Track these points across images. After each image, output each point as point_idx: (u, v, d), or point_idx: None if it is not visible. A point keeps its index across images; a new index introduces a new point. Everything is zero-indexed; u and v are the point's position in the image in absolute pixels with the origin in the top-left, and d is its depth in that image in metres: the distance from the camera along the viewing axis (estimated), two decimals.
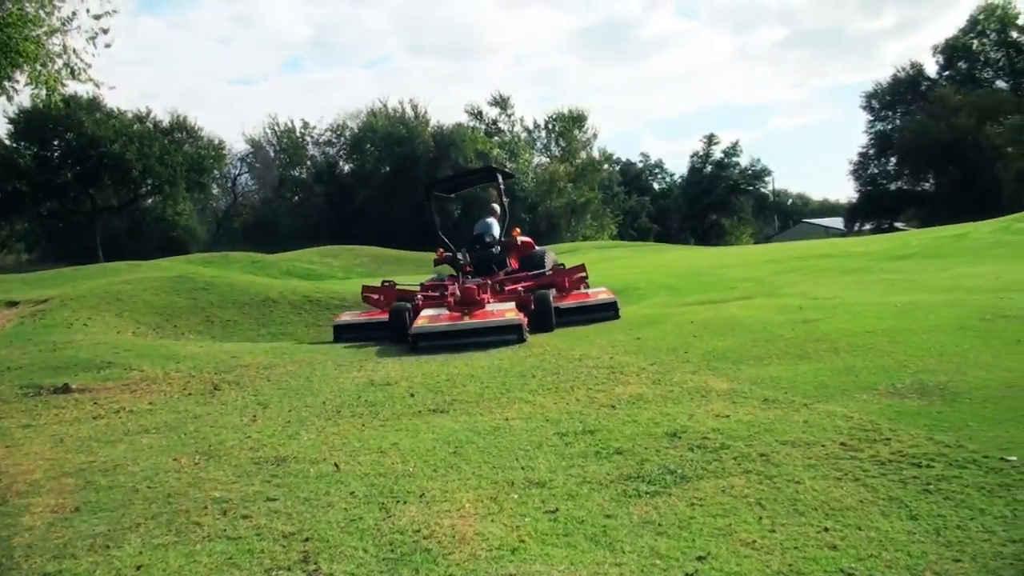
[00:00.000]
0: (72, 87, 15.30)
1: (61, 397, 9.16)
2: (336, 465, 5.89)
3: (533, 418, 6.87)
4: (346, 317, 13.50)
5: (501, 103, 73.78)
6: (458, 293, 11.90)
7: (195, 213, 62.57)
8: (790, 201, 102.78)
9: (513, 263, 14.72)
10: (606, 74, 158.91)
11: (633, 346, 9.71)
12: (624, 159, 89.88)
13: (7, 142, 50.62)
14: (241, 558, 4.42)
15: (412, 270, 27.47)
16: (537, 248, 15.33)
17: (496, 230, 15.21)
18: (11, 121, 48.46)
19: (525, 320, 11.33)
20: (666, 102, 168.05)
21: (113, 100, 58.40)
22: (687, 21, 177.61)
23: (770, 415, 6.30)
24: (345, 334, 13.03)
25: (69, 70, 14.59)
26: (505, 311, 11.36)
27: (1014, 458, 4.92)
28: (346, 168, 67.07)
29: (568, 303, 12.78)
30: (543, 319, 11.91)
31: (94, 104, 49.43)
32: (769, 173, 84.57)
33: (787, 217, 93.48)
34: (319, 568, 4.22)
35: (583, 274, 13.51)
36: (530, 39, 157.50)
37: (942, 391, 6.56)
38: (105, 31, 14.67)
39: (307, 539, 4.59)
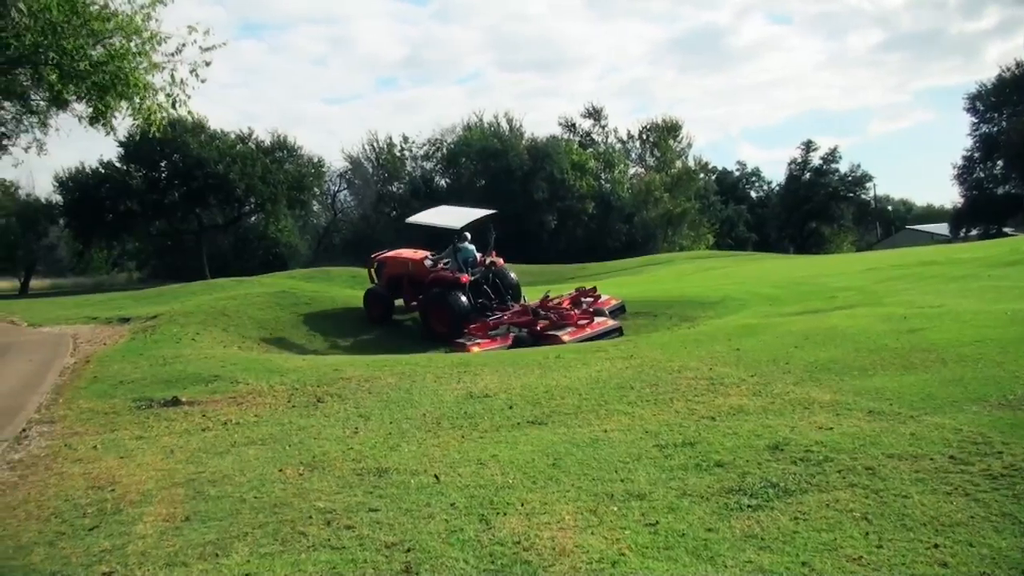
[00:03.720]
0: (175, 113, 15.74)
1: (171, 410, 9.47)
2: (436, 477, 5.97)
3: (632, 430, 6.85)
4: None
5: (595, 114, 73.65)
6: (552, 318, 16.29)
7: (296, 230, 63.51)
8: (892, 207, 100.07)
9: None
10: (698, 83, 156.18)
11: (732, 357, 9.60)
12: (720, 168, 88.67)
13: (118, 164, 52.40)
14: (345, 568, 4.51)
15: None
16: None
17: (477, 254, 19.47)
18: (121, 144, 50.22)
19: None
20: (761, 110, 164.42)
21: (216, 122, 59.98)
22: (780, 27, 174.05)
23: (875, 427, 6.17)
24: None
25: (171, 101, 15.05)
26: (606, 321, 16.16)
27: None
28: (443, 182, 67.55)
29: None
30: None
31: (198, 127, 50.69)
32: (870, 179, 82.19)
33: (889, 224, 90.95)
34: None
35: (597, 293, 18.55)
36: (619, 51, 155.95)
37: None
38: (208, 63, 15.10)
39: (409, 549, 4.66)
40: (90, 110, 14.94)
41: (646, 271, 33.98)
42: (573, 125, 73.22)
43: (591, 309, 17.00)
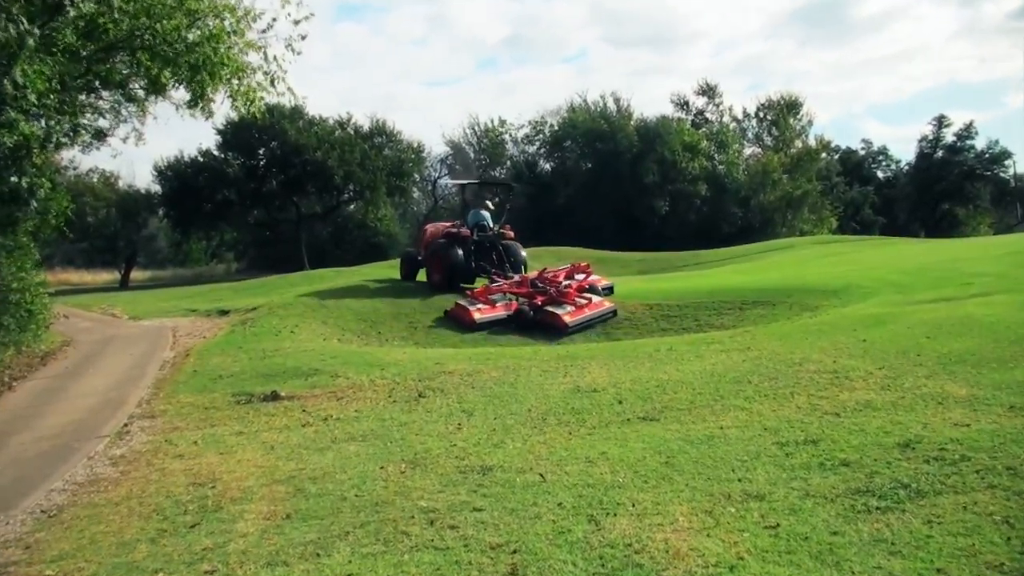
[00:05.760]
0: (272, 97, 15.85)
1: (271, 405, 9.56)
2: (542, 475, 5.84)
3: (750, 426, 6.62)
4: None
5: (709, 92, 71.70)
6: (551, 292, 17.54)
7: (396, 218, 62.76)
8: None
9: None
10: (819, 57, 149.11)
11: (858, 348, 9.22)
12: (844, 147, 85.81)
13: (216, 152, 52.75)
14: (449, 570, 4.40)
15: (616, 271, 27.36)
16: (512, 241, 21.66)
17: (490, 221, 21.66)
18: (219, 132, 50.58)
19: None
20: (888, 84, 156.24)
21: (314, 108, 59.39)
22: None
23: (1017, 424, 5.80)
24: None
25: (269, 79, 15.17)
26: (603, 302, 17.49)
27: None
28: (547, 167, 66.65)
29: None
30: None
31: (296, 112, 50.12)
32: (1009, 156, 78.20)
33: None
34: None
35: (590, 270, 20.32)
36: (735, 24, 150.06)
37: None
38: (303, 37, 15.17)
39: (515, 551, 4.53)
40: (187, 95, 15.21)
41: (764, 257, 33.18)
42: (686, 103, 71.26)
43: (586, 286, 18.56)
